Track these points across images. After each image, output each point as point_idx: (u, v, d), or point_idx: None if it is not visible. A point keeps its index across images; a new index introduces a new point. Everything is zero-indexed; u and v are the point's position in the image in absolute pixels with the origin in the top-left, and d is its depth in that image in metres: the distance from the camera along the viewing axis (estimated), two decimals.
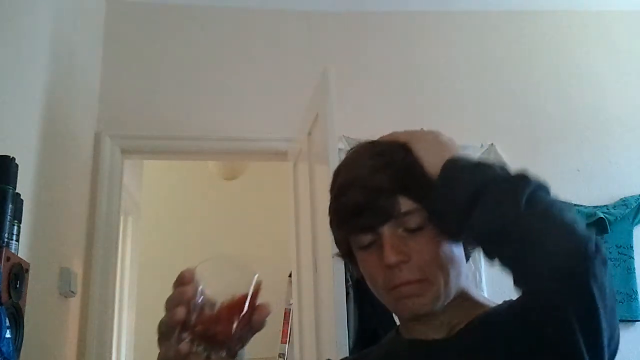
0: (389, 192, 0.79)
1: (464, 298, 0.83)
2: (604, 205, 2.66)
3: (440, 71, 2.86)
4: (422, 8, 2.92)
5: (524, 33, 2.98)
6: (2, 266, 1.28)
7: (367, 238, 0.81)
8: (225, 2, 2.84)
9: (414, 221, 0.79)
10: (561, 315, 0.67)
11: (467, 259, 0.86)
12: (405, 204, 0.79)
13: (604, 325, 0.67)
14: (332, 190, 0.85)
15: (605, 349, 0.68)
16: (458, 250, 0.82)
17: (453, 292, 0.81)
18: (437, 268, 0.79)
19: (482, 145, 2.68)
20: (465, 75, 2.86)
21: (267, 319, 0.65)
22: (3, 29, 1.65)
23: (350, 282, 2.13)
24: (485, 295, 0.92)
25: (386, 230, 0.79)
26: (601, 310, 0.66)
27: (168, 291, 0.65)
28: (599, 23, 3.01)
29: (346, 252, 0.87)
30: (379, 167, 0.81)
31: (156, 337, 0.64)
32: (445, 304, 0.80)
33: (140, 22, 2.79)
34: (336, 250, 0.89)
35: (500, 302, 0.84)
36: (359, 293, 2.15)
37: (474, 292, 0.86)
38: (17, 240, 1.43)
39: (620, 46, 2.99)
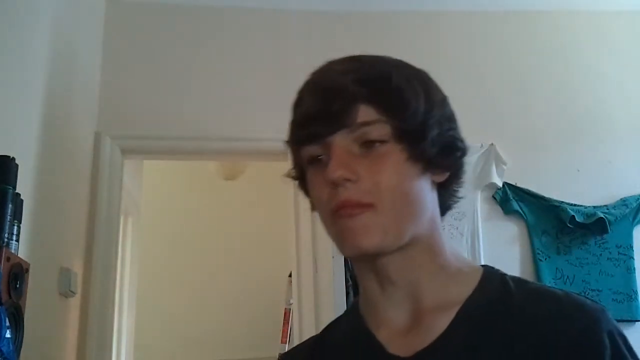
0: (348, 98, 0.66)
1: (431, 254, 0.70)
2: (604, 205, 2.66)
3: (440, 71, 2.83)
4: (422, 8, 2.92)
5: (524, 33, 2.97)
6: (2, 266, 1.28)
7: (315, 150, 0.68)
8: (225, 2, 2.84)
9: (375, 133, 0.66)
10: None
11: (444, 211, 0.74)
12: (366, 113, 0.66)
13: None
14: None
15: None
16: (426, 186, 0.69)
17: (408, 232, 0.67)
18: (391, 193, 0.65)
19: (482, 145, 2.69)
20: (465, 75, 2.86)
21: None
22: (3, 28, 1.65)
23: (350, 282, 2.13)
24: None
25: (336, 140, 0.66)
26: None
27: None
28: (599, 23, 3.01)
29: (300, 175, 0.74)
30: (346, 71, 0.69)
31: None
32: (398, 244, 0.67)
33: (140, 22, 2.78)
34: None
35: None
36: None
37: (444, 248, 0.72)
38: (17, 240, 1.43)
39: (620, 46, 2.99)
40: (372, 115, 0.66)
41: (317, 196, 0.69)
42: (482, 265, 0.74)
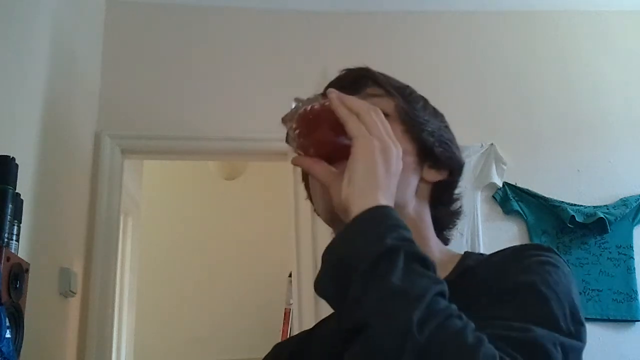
0: (359, 76, 0.78)
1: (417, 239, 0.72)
2: (604, 205, 2.66)
3: (440, 71, 2.85)
4: (422, 8, 2.92)
5: (523, 33, 2.98)
6: (2, 266, 1.28)
7: None
8: (226, 2, 2.84)
9: (381, 104, 0.71)
10: None
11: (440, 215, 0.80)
12: (374, 89, 0.77)
13: None
14: None
15: None
16: (413, 172, 0.74)
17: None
18: None
19: (482, 145, 2.69)
20: (465, 75, 2.86)
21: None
22: (3, 29, 1.65)
23: None
24: None
25: None
26: None
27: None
28: (599, 23, 3.01)
29: (306, 183, 0.82)
30: (357, 68, 0.81)
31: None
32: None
33: (140, 22, 2.79)
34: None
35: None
36: None
37: (430, 240, 0.76)
38: (17, 240, 1.43)
39: (620, 46, 2.99)
40: (379, 92, 0.76)
41: (316, 200, 0.74)
42: (465, 252, 0.77)
